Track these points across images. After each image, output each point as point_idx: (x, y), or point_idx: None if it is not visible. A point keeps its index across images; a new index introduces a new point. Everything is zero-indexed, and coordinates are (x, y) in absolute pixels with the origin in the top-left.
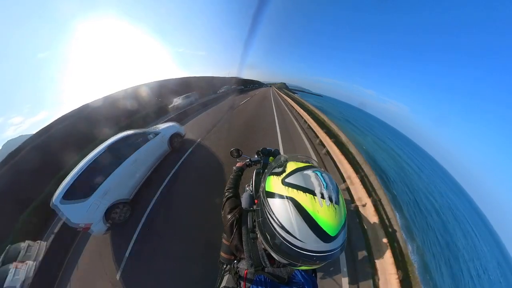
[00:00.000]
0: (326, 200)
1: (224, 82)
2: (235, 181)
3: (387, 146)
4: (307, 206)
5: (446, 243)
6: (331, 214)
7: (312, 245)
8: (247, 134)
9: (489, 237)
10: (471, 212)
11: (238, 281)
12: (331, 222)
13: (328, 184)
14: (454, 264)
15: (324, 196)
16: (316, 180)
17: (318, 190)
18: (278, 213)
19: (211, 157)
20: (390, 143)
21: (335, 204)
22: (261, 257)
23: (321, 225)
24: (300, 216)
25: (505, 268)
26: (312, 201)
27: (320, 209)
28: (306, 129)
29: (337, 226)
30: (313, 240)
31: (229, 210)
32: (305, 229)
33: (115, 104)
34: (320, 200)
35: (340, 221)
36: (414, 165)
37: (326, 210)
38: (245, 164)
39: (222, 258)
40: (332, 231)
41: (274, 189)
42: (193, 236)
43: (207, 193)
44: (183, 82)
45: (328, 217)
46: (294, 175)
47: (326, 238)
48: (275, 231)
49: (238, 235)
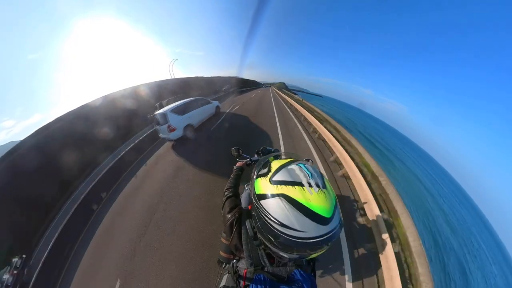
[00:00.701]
0: (314, 187)
1: (225, 81)
2: (235, 181)
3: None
4: (299, 197)
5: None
6: (322, 198)
7: (314, 231)
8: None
9: (488, 236)
10: (470, 210)
11: (238, 280)
12: (324, 205)
13: (313, 173)
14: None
15: (312, 184)
16: (301, 172)
17: (305, 181)
18: (274, 213)
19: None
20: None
21: (323, 189)
22: (260, 257)
23: (316, 211)
24: (295, 209)
25: (506, 269)
26: (302, 191)
27: (311, 197)
28: (332, 162)
29: (330, 207)
30: (314, 227)
31: (228, 210)
32: (303, 220)
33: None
34: (309, 189)
35: (331, 202)
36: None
37: (316, 196)
38: (245, 163)
39: (221, 257)
40: (327, 213)
41: (264, 190)
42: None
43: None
44: (183, 82)
45: (320, 201)
46: (280, 172)
47: (324, 221)
48: (276, 231)
49: (237, 235)
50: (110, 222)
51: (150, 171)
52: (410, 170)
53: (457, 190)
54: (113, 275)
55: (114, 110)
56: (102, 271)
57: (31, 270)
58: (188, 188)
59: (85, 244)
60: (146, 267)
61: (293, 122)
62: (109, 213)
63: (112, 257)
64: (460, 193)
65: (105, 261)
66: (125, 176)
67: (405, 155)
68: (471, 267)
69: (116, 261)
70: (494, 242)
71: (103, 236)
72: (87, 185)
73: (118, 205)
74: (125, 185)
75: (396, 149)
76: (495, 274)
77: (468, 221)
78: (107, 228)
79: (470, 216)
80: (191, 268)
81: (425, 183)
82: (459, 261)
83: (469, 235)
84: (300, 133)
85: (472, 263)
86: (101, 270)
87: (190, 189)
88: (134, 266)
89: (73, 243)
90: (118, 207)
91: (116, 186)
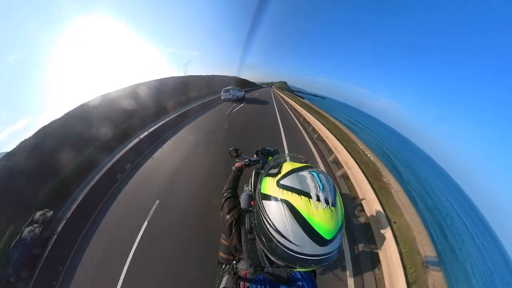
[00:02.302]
0: (322, 202)
1: (224, 82)
2: (234, 182)
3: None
4: (302, 209)
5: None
6: (327, 217)
7: (307, 248)
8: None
9: (487, 236)
10: (462, 200)
11: (238, 281)
12: (327, 226)
13: (325, 186)
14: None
15: (320, 198)
16: (312, 182)
17: (314, 193)
18: (272, 217)
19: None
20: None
21: (331, 207)
22: (260, 257)
23: (316, 228)
24: (295, 220)
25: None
26: (307, 204)
27: (315, 212)
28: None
29: (333, 229)
30: (309, 244)
31: (228, 211)
32: (300, 233)
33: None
34: (316, 203)
35: (336, 224)
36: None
37: (322, 213)
38: (244, 164)
39: (221, 258)
40: (328, 234)
41: (269, 191)
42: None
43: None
44: (182, 82)
45: (324, 220)
46: (289, 177)
47: (321, 241)
48: (270, 235)
49: (237, 235)
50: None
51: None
52: (410, 168)
53: (456, 191)
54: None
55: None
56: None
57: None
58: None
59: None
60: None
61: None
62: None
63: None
64: (460, 194)
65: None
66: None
67: (407, 156)
68: (473, 268)
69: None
70: (493, 242)
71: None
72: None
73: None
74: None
75: (403, 155)
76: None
77: (466, 218)
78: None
79: (463, 209)
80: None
81: (423, 179)
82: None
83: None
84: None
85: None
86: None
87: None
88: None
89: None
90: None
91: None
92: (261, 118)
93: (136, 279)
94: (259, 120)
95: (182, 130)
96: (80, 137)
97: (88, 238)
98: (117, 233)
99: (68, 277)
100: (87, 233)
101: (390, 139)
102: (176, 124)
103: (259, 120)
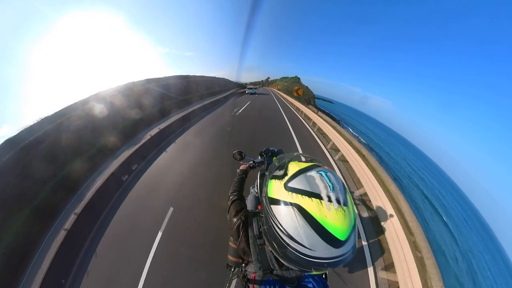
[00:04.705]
0: (333, 203)
1: (220, 83)
2: (239, 184)
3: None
4: (314, 212)
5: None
6: (340, 217)
7: (322, 252)
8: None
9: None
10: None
11: (247, 284)
12: (341, 226)
13: (335, 185)
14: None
15: (331, 199)
16: (321, 182)
17: (325, 193)
18: (283, 222)
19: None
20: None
21: (343, 206)
22: (269, 260)
23: (330, 230)
24: (307, 224)
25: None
26: (319, 206)
27: (328, 214)
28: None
29: (347, 229)
30: (323, 247)
31: (234, 213)
32: (313, 237)
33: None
34: (327, 204)
35: (350, 223)
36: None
37: (335, 214)
38: (249, 166)
39: (229, 261)
40: (342, 235)
41: (277, 195)
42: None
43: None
44: (183, 83)
45: (337, 221)
46: (297, 178)
47: (336, 243)
48: (282, 241)
49: (245, 238)
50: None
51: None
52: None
53: (456, 192)
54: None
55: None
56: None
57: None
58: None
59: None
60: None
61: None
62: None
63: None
64: (459, 195)
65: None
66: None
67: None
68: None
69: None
70: (491, 242)
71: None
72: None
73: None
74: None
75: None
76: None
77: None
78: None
79: (464, 211)
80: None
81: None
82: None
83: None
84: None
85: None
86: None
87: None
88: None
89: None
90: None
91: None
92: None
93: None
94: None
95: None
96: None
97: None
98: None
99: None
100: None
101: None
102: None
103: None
